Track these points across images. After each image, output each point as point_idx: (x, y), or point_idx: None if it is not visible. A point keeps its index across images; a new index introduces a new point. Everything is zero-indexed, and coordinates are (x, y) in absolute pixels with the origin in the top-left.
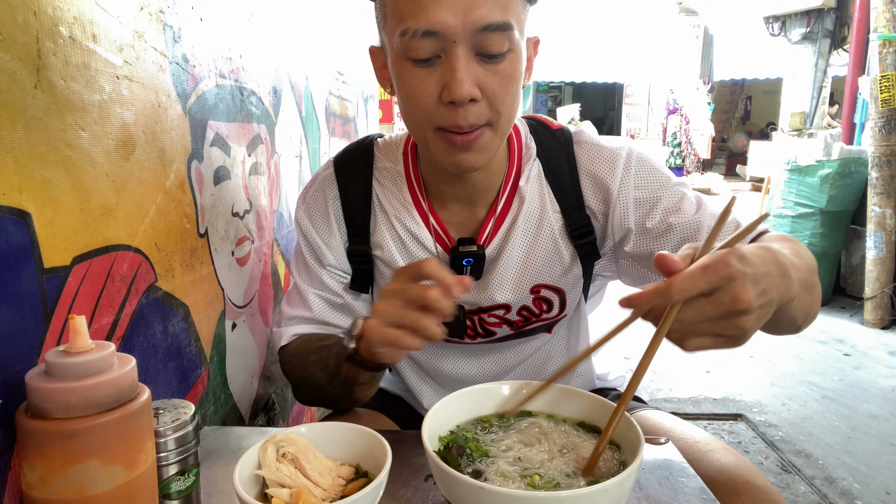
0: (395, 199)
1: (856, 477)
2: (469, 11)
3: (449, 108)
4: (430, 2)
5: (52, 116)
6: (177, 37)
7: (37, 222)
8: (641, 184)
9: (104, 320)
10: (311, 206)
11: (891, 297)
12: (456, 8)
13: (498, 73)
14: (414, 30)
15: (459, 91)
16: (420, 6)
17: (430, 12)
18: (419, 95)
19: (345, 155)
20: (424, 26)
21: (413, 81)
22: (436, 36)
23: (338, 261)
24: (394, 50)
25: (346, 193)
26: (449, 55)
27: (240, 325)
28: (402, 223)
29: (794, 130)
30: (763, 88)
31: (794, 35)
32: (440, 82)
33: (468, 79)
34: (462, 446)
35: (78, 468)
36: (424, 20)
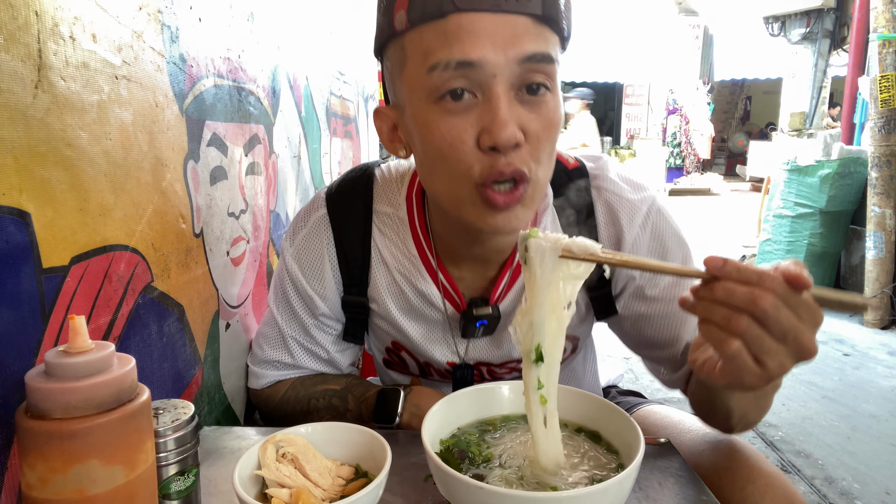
0: (398, 250)
1: (855, 477)
2: (511, 43)
3: (489, 156)
4: (466, 32)
5: (53, 116)
6: (174, 37)
7: (36, 222)
8: (655, 247)
9: (101, 320)
10: (301, 253)
11: (891, 297)
12: (496, 38)
13: (541, 115)
14: (447, 61)
15: (503, 134)
16: (454, 37)
17: (467, 43)
18: (453, 144)
19: (340, 193)
20: (460, 57)
21: (444, 128)
22: (472, 68)
23: (331, 310)
24: (417, 95)
25: (342, 240)
26: (487, 94)
27: (234, 325)
28: (407, 279)
29: (793, 130)
30: (763, 88)
31: (793, 35)
32: (477, 126)
33: (512, 120)
34: (464, 450)
35: (78, 468)
36: (460, 51)
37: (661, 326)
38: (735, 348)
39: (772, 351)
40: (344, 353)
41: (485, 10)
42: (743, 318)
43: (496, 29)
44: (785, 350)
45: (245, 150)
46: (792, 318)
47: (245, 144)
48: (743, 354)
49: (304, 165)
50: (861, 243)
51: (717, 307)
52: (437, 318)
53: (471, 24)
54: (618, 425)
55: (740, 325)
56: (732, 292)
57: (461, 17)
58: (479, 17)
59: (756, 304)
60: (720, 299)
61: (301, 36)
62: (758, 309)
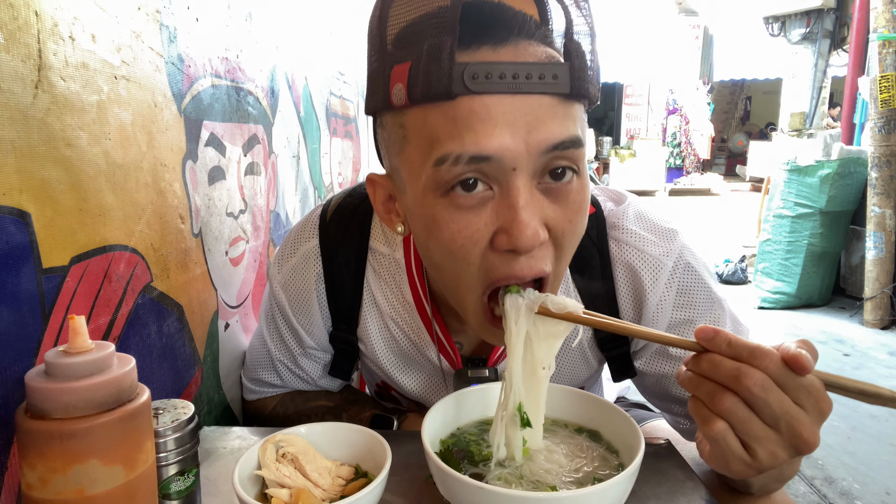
0: (392, 295)
1: (855, 477)
2: (534, 130)
3: (506, 258)
4: (480, 119)
5: (53, 116)
6: (173, 37)
7: (36, 222)
8: (682, 303)
9: (101, 320)
10: (289, 284)
11: (890, 297)
12: (516, 126)
13: (567, 204)
14: (458, 155)
15: (523, 237)
16: (466, 126)
17: (481, 133)
18: (463, 245)
19: (335, 225)
20: (473, 150)
21: (454, 227)
22: (488, 162)
23: (318, 344)
24: (421, 184)
25: (332, 276)
26: (505, 187)
27: (233, 325)
28: (400, 327)
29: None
30: (763, 89)
31: (793, 35)
32: (492, 224)
33: (534, 218)
34: (463, 449)
35: (77, 468)
36: (473, 143)
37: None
38: (718, 430)
39: (760, 437)
40: (332, 380)
41: (502, 93)
42: (727, 397)
43: (515, 114)
44: (777, 438)
45: (244, 151)
46: (786, 402)
47: (244, 144)
48: (728, 438)
49: (304, 165)
50: (861, 243)
51: (703, 382)
52: (429, 371)
53: (485, 110)
54: (618, 425)
55: (724, 404)
56: (718, 366)
57: (473, 100)
58: (494, 101)
59: (740, 382)
60: (706, 373)
61: (300, 36)
62: (742, 387)
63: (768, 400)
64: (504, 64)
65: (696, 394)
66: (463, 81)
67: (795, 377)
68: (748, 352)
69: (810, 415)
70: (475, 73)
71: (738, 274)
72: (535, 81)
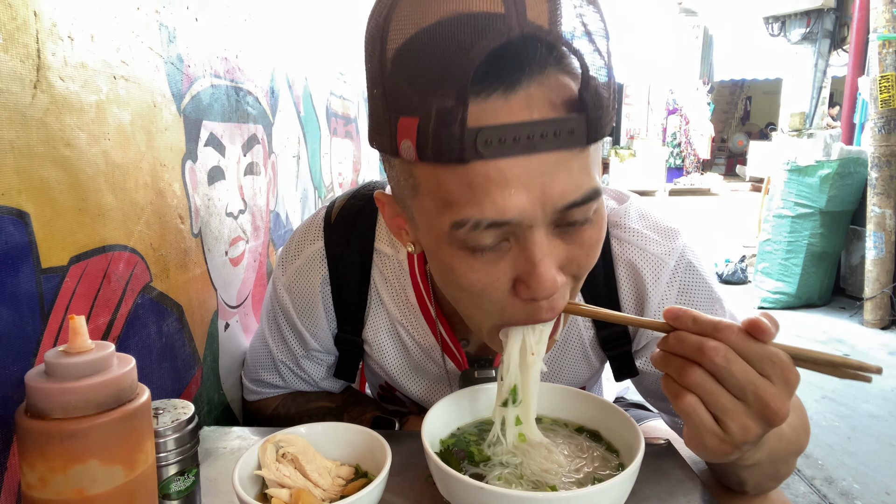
0: (398, 297)
1: (855, 477)
2: (550, 189)
3: (526, 304)
4: (497, 184)
5: (52, 116)
6: (172, 36)
7: (35, 222)
8: (683, 302)
9: (100, 320)
10: (293, 286)
11: (891, 297)
12: (531, 186)
13: (583, 242)
14: (476, 221)
15: (542, 289)
16: (482, 191)
17: (498, 198)
18: (483, 290)
19: (340, 227)
20: (492, 217)
21: (472, 276)
22: (507, 226)
23: (322, 346)
24: (436, 234)
25: (338, 279)
26: (523, 241)
27: (233, 325)
28: (406, 330)
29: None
30: (763, 89)
31: (793, 35)
32: (511, 273)
33: (552, 268)
34: (463, 449)
35: (77, 468)
36: (491, 209)
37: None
38: (688, 403)
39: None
40: (335, 382)
41: (515, 155)
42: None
43: (531, 175)
44: (745, 410)
45: (243, 151)
46: (749, 372)
47: (243, 144)
48: (698, 410)
49: (304, 165)
50: (861, 243)
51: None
52: (435, 374)
53: (500, 175)
54: (618, 425)
55: (690, 377)
56: (684, 342)
57: (487, 165)
58: (508, 164)
59: (704, 354)
60: (674, 350)
61: (300, 36)
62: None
63: (732, 370)
64: (517, 126)
65: (666, 371)
66: (476, 148)
67: (758, 348)
68: (712, 326)
69: (776, 385)
70: (488, 138)
71: (738, 274)
72: (549, 139)
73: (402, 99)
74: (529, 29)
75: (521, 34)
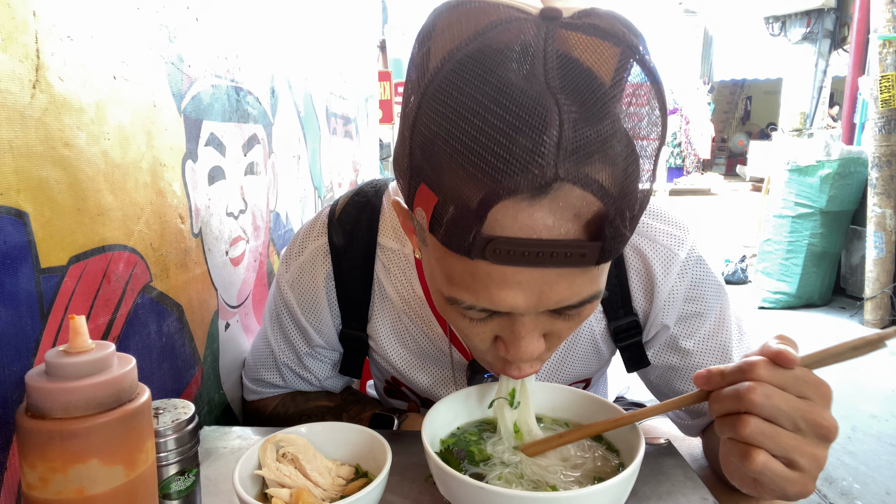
0: (403, 289)
1: (856, 477)
2: (545, 295)
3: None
4: (495, 283)
5: (51, 116)
6: (172, 36)
7: (34, 222)
8: (693, 296)
9: (100, 320)
10: (297, 282)
11: (891, 297)
12: (529, 290)
13: (571, 320)
14: (469, 305)
15: (520, 357)
16: (480, 283)
17: (494, 295)
18: (469, 336)
19: (343, 223)
20: (485, 306)
21: (460, 325)
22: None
23: (326, 342)
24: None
25: (342, 274)
26: (511, 317)
27: (233, 325)
28: (413, 321)
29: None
30: (763, 89)
31: (794, 35)
32: (496, 331)
33: (534, 341)
34: (463, 449)
35: (78, 468)
36: (486, 301)
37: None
38: (758, 461)
39: (794, 446)
40: (337, 380)
41: (522, 266)
42: (746, 419)
43: (532, 282)
44: (807, 440)
45: (244, 151)
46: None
47: (244, 144)
48: (770, 465)
49: (304, 165)
50: (861, 243)
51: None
52: (442, 363)
53: (502, 277)
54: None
55: (747, 427)
56: (723, 399)
57: (491, 266)
58: (514, 271)
59: (743, 398)
60: (719, 413)
61: (300, 36)
62: (749, 403)
63: (776, 404)
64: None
65: (724, 436)
66: (484, 254)
67: (788, 374)
68: (739, 372)
69: (817, 402)
70: (497, 249)
71: (739, 274)
72: (559, 258)
73: (428, 165)
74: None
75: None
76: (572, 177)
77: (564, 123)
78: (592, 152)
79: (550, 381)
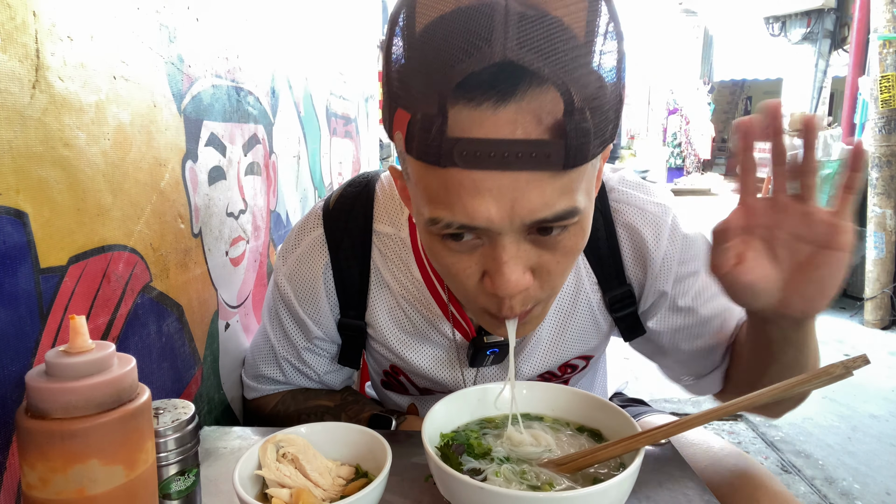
0: (401, 274)
1: (856, 477)
2: (518, 203)
3: (493, 297)
4: (469, 192)
5: (50, 116)
6: (172, 37)
7: (33, 222)
8: (687, 257)
9: (100, 320)
10: (294, 275)
11: (891, 297)
12: (501, 199)
13: (556, 250)
14: (448, 222)
15: (505, 288)
16: (454, 194)
17: (468, 205)
18: (455, 274)
19: (338, 212)
20: (461, 220)
21: (447, 261)
22: (475, 229)
23: (325, 333)
24: (420, 217)
25: (339, 263)
26: (493, 242)
27: (233, 325)
28: (411, 304)
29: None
30: (763, 89)
31: (794, 35)
32: (481, 265)
33: (518, 269)
34: (462, 444)
35: (78, 468)
36: (461, 214)
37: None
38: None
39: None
40: (337, 374)
41: (490, 169)
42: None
43: (503, 189)
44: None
45: (244, 151)
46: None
47: (244, 144)
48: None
49: (304, 165)
50: (861, 243)
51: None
52: (443, 346)
53: (473, 185)
54: (619, 425)
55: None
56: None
57: (462, 173)
58: (482, 176)
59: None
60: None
61: (300, 36)
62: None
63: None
64: (494, 142)
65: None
66: (453, 157)
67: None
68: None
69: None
70: (465, 150)
71: None
72: (524, 159)
73: (400, 91)
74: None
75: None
76: (516, 56)
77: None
78: (539, 38)
79: (552, 355)
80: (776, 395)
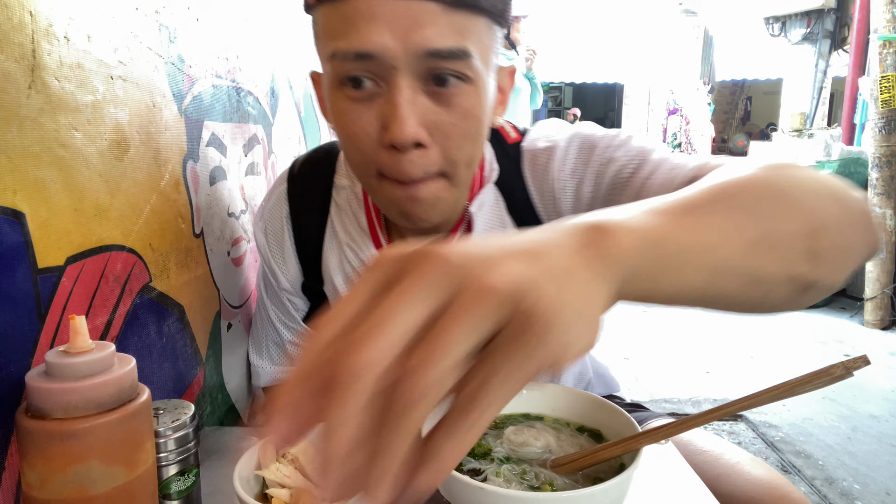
0: (350, 224)
1: (856, 477)
2: (412, 32)
3: (391, 153)
4: (363, 18)
5: (47, 116)
6: (172, 37)
7: (31, 222)
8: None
9: (98, 320)
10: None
11: (891, 297)
12: (395, 26)
13: (452, 109)
14: (345, 51)
15: (401, 132)
16: (350, 23)
17: (363, 31)
18: (355, 133)
19: (304, 166)
20: (356, 47)
21: (348, 117)
22: (372, 60)
23: (293, 289)
24: (326, 76)
25: (299, 217)
26: (389, 85)
27: (235, 325)
28: (356, 253)
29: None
30: (763, 89)
31: (794, 36)
32: (380, 119)
33: (412, 116)
34: None
35: (78, 468)
36: (356, 40)
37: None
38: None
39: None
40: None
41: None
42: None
43: (396, 16)
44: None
45: (244, 151)
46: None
47: (244, 145)
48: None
49: None
50: None
51: None
52: None
53: (370, 10)
54: (619, 425)
55: None
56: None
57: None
58: (379, 2)
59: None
60: None
61: (301, 36)
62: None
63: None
64: None
65: None
66: None
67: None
68: None
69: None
70: None
71: None
72: None
73: None
74: None
75: None
76: None
77: None
78: None
79: None
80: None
